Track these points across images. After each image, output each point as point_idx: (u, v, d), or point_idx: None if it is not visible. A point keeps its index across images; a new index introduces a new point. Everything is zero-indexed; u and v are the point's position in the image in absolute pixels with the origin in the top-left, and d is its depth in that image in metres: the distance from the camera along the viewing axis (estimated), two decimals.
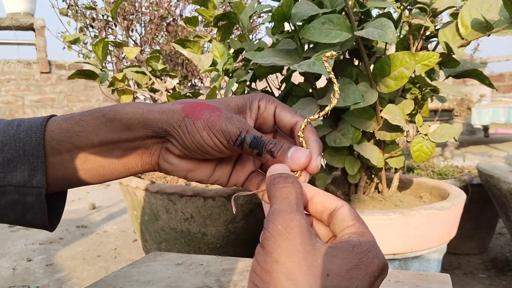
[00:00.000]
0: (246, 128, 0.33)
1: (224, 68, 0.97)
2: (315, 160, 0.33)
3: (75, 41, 1.19)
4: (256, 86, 1.03)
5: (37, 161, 0.35)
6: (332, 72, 0.34)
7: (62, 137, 0.35)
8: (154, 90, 1.18)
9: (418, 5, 0.84)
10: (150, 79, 1.13)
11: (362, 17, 0.83)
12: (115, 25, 1.85)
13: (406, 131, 0.89)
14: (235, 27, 1.03)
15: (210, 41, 1.12)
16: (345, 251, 0.25)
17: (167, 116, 0.34)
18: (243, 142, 0.32)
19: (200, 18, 1.19)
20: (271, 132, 0.37)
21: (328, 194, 0.30)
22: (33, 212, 0.36)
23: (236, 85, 0.97)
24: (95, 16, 1.82)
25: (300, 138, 0.34)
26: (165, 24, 1.94)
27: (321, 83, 0.92)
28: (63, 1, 1.83)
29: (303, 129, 0.33)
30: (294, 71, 0.75)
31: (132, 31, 1.93)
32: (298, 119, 0.35)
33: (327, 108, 0.33)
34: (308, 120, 0.34)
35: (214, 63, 0.98)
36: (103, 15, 1.82)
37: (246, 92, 1.00)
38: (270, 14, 0.85)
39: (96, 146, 0.35)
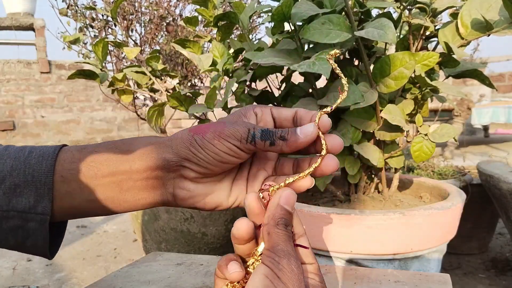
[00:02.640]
0: (253, 125, 0.34)
1: (224, 68, 0.97)
2: (337, 138, 0.35)
3: (75, 41, 1.19)
4: (256, 86, 1.03)
5: (44, 187, 0.34)
6: (338, 68, 0.35)
7: (73, 166, 0.35)
8: (154, 90, 1.18)
9: (418, 5, 0.84)
10: (150, 79, 1.13)
11: (362, 17, 0.83)
12: (115, 25, 1.85)
13: (406, 131, 0.89)
14: (235, 27, 1.03)
15: (210, 41, 1.12)
16: None
17: (177, 140, 0.35)
18: (254, 137, 0.34)
19: (200, 18, 1.19)
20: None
21: (298, 218, 0.34)
22: (34, 239, 0.35)
23: (236, 85, 0.97)
24: (94, 16, 1.82)
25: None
26: (165, 24, 1.94)
27: (321, 83, 0.92)
28: (62, 1, 1.83)
29: (317, 123, 0.35)
30: (294, 71, 0.75)
31: (132, 31, 1.93)
32: (296, 109, 0.37)
33: (338, 101, 0.34)
34: (322, 112, 0.35)
35: (214, 63, 0.98)
36: (102, 15, 1.82)
37: (246, 91, 1.00)
38: (270, 14, 0.85)
39: (106, 176, 0.35)
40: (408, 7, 0.82)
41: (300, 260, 0.33)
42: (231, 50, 1.03)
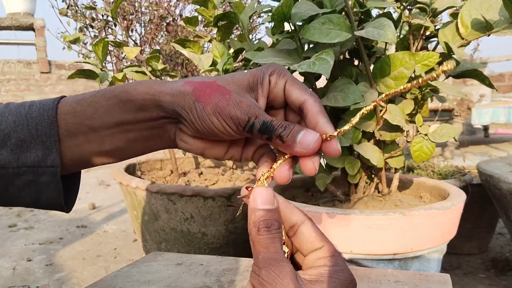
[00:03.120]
0: (255, 113, 0.32)
1: (224, 68, 0.97)
2: (334, 143, 0.32)
3: (75, 41, 1.19)
4: None
5: (51, 140, 0.34)
6: (357, 118, 0.32)
7: (77, 120, 0.35)
8: None
9: (418, 5, 0.84)
10: (150, 78, 1.13)
11: (362, 17, 0.83)
12: (115, 25, 1.85)
13: (406, 131, 0.89)
14: (235, 27, 1.03)
15: (210, 41, 1.12)
16: (326, 284, 0.28)
17: (178, 99, 0.34)
18: (252, 128, 0.32)
19: (200, 18, 1.19)
20: (282, 107, 0.36)
21: (291, 206, 0.31)
22: (48, 192, 0.35)
23: None
24: (94, 16, 1.82)
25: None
26: (165, 24, 1.94)
27: (321, 83, 0.92)
28: (62, 1, 1.83)
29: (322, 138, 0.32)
30: (294, 71, 0.75)
31: (132, 31, 1.93)
32: (306, 97, 0.34)
33: (345, 127, 0.32)
34: (327, 137, 0.32)
35: (214, 63, 0.98)
36: (102, 15, 1.82)
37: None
38: (270, 14, 0.85)
39: (112, 127, 0.35)
40: (408, 7, 0.82)
41: (304, 252, 0.31)
42: (231, 50, 1.03)
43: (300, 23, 0.79)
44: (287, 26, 0.82)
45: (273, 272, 0.27)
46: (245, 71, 0.35)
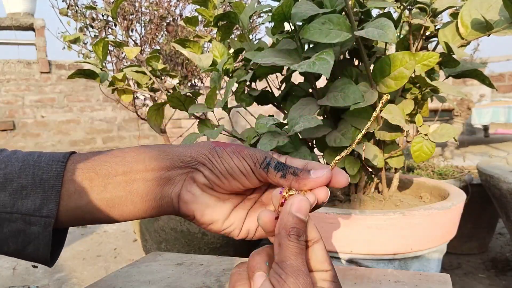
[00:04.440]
0: (271, 155, 0.36)
1: (224, 68, 0.97)
2: (342, 175, 0.35)
3: (75, 41, 1.19)
4: (256, 86, 1.03)
5: (52, 190, 0.34)
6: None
7: (87, 165, 0.35)
8: (154, 90, 1.18)
9: (418, 5, 0.84)
10: (150, 78, 1.13)
11: (362, 17, 0.83)
12: (115, 25, 1.85)
13: (406, 131, 0.89)
14: (235, 27, 1.03)
15: (210, 41, 1.12)
16: None
17: (198, 147, 0.37)
18: (269, 165, 0.35)
19: (200, 18, 1.19)
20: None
21: (312, 222, 0.33)
22: (36, 244, 0.35)
23: (236, 85, 0.97)
24: (95, 16, 1.82)
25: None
26: (165, 24, 1.94)
27: (321, 83, 0.92)
28: (63, 1, 1.83)
29: (332, 168, 0.35)
30: (294, 71, 0.75)
31: (132, 31, 1.93)
32: (307, 161, 0.37)
33: (345, 152, 0.36)
34: (337, 160, 0.35)
35: (214, 63, 0.98)
36: (103, 15, 1.82)
37: (246, 91, 1.00)
38: (270, 14, 0.85)
39: (119, 175, 0.35)
40: (408, 7, 0.82)
41: (313, 267, 0.32)
42: (231, 50, 1.03)
43: (300, 23, 0.79)
44: (287, 26, 0.82)
45: (300, 283, 0.29)
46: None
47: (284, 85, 1.01)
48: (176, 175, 0.36)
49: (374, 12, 0.92)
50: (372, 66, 0.83)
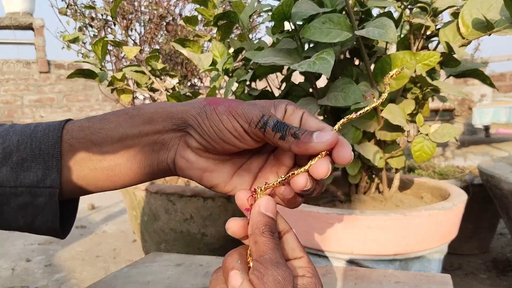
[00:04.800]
0: (269, 113, 0.32)
1: (224, 68, 0.97)
2: (346, 148, 0.31)
3: (74, 40, 1.19)
4: (256, 85, 1.03)
5: (53, 160, 0.34)
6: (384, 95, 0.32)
7: (82, 135, 0.35)
8: (153, 90, 1.18)
9: (418, 5, 0.83)
10: (149, 78, 1.12)
11: (363, 16, 0.83)
12: (114, 25, 1.84)
13: (407, 131, 0.88)
14: (235, 27, 1.02)
15: (210, 40, 1.12)
16: None
17: (189, 106, 0.34)
18: (266, 125, 0.31)
19: (200, 17, 1.18)
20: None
21: (280, 215, 0.33)
22: (44, 215, 0.34)
23: (236, 84, 0.97)
24: (94, 16, 1.82)
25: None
26: (165, 24, 1.93)
27: (321, 82, 0.92)
28: (62, 0, 1.83)
29: (337, 129, 0.32)
30: (294, 70, 0.74)
31: (131, 31, 1.92)
32: (325, 125, 0.33)
33: (366, 108, 0.31)
34: (345, 119, 0.32)
35: (214, 63, 0.98)
36: (102, 15, 1.81)
37: (246, 91, 1.00)
38: (270, 13, 0.84)
39: (115, 142, 0.35)
40: (409, 7, 0.82)
41: (286, 257, 0.32)
42: (231, 50, 1.03)
43: (301, 23, 0.78)
44: (287, 26, 0.81)
45: (280, 274, 0.28)
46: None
47: (284, 84, 1.01)
48: (169, 139, 0.35)
49: (375, 12, 0.91)
50: (372, 66, 0.83)
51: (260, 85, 1.03)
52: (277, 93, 1.02)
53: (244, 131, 0.32)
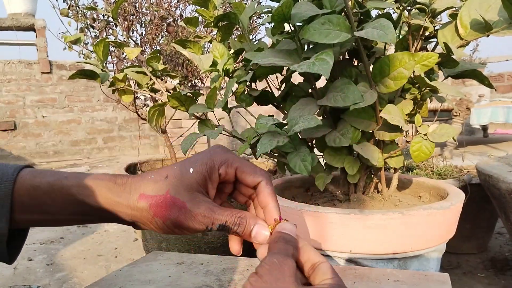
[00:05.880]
0: (212, 221, 0.36)
1: (224, 69, 0.97)
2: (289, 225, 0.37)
3: (76, 41, 1.19)
4: (256, 86, 1.04)
5: (2, 209, 0.35)
6: None
7: (33, 203, 0.36)
8: (154, 90, 1.19)
9: (417, 6, 0.84)
10: (150, 79, 1.13)
11: (362, 17, 0.84)
12: (116, 26, 1.85)
13: (406, 131, 0.89)
14: (235, 28, 1.03)
15: (210, 41, 1.13)
16: None
17: (137, 214, 0.36)
18: (211, 230, 0.37)
19: (200, 18, 1.19)
20: (232, 184, 0.40)
21: (314, 249, 0.35)
22: None
23: (236, 85, 0.98)
24: (95, 17, 1.82)
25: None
26: (166, 25, 1.94)
27: (320, 83, 0.93)
28: (63, 1, 1.83)
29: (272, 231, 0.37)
30: (294, 71, 0.75)
31: (132, 32, 1.93)
32: (259, 179, 0.38)
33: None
34: (277, 222, 0.37)
35: (214, 64, 0.99)
36: (103, 16, 1.82)
37: (246, 92, 1.01)
38: (270, 14, 0.85)
39: (68, 215, 0.37)
40: (407, 8, 0.83)
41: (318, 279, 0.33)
42: (231, 51, 1.03)
43: (300, 24, 0.79)
44: (287, 27, 0.82)
45: (275, 259, 0.31)
46: (191, 170, 0.37)
47: (284, 85, 1.02)
48: (124, 221, 0.38)
49: (374, 13, 0.92)
50: (371, 67, 0.84)
51: (260, 85, 1.04)
52: (277, 93, 1.03)
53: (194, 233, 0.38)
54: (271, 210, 0.37)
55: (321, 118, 0.96)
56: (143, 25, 1.95)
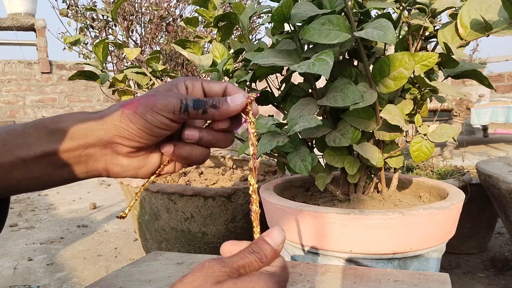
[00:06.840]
0: (184, 96, 0.35)
1: (224, 69, 0.97)
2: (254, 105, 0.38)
3: (75, 43, 1.19)
4: (256, 86, 1.04)
5: None
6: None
7: (5, 149, 0.35)
8: None
9: (417, 6, 0.84)
10: (150, 79, 1.13)
11: (362, 17, 0.84)
12: (115, 26, 1.85)
13: (406, 131, 0.89)
14: (235, 28, 1.03)
15: (210, 41, 1.13)
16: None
17: (107, 118, 0.35)
18: (187, 107, 0.35)
19: (200, 18, 1.19)
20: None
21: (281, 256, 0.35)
22: None
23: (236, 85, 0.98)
24: (95, 16, 1.83)
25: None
26: (165, 25, 1.94)
27: (320, 83, 0.93)
28: (63, 1, 1.83)
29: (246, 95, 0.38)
30: (294, 71, 0.75)
31: (132, 32, 1.93)
32: (224, 84, 0.39)
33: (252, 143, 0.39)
34: (251, 96, 0.39)
35: (214, 64, 0.99)
36: (103, 16, 1.82)
37: (246, 92, 1.01)
38: (269, 14, 0.85)
39: (38, 157, 0.35)
40: (407, 8, 0.83)
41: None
42: (231, 51, 1.03)
43: (300, 24, 0.79)
44: (286, 27, 0.82)
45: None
46: (157, 90, 0.38)
47: (284, 85, 1.02)
48: (95, 152, 0.36)
49: (374, 13, 0.92)
50: (371, 67, 0.84)
51: (260, 85, 1.04)
52: (277, 93, 1.03)
53: (170, 120, 0.35)
54: (242, 95, 0.38)
55: (321, 118, 0.96)
56: (143, 25, 1.95)
